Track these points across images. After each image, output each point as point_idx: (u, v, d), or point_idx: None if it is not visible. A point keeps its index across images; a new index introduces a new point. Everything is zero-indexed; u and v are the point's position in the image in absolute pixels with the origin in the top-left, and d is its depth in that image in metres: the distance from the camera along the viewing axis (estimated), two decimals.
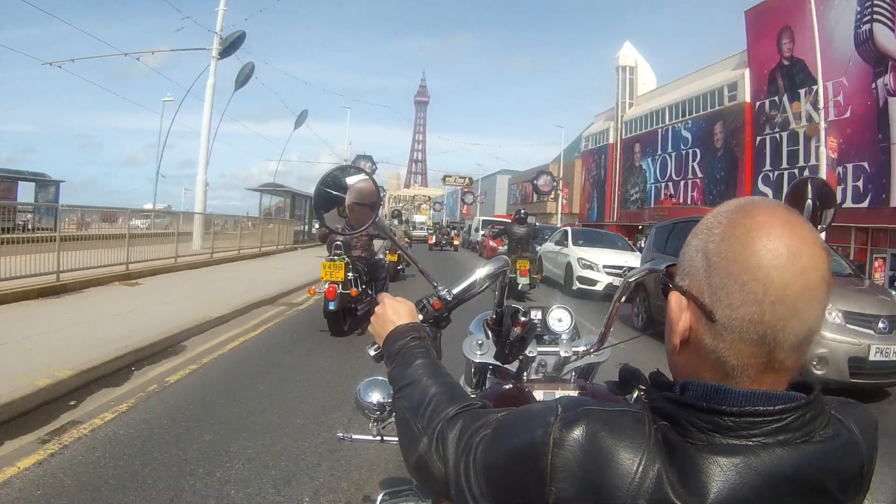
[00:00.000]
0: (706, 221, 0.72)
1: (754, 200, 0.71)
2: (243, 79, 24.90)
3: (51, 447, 3.54)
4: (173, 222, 15.87)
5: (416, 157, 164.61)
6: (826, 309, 0.68)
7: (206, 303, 8.48)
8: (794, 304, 0.65)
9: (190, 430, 3.94)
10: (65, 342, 5.56)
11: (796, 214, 0.69)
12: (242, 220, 20.20)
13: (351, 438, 1.63)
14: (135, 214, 15.79)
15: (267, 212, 23.89)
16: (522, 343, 1.40)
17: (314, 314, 8.24)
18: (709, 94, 35.04)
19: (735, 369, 0.68)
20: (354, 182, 1.31)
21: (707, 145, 34.75)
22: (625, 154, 44.22)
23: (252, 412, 4.37)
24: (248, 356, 6.22)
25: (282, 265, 15.79)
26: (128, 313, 7.32)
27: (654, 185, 40.15)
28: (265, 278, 12.32)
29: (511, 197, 68.72)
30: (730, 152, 32.66)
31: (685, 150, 37.04)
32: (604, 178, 47.07)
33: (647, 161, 41.13)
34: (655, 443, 0.66)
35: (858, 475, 0.70)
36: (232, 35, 21.94)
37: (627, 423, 0.68)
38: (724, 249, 0.68)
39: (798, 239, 0.66)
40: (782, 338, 0.66)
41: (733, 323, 0.67)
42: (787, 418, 0.65)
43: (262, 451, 3.65)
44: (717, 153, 33.92)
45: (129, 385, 4.88)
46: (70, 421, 3.99)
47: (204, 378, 5.28)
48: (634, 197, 42.56)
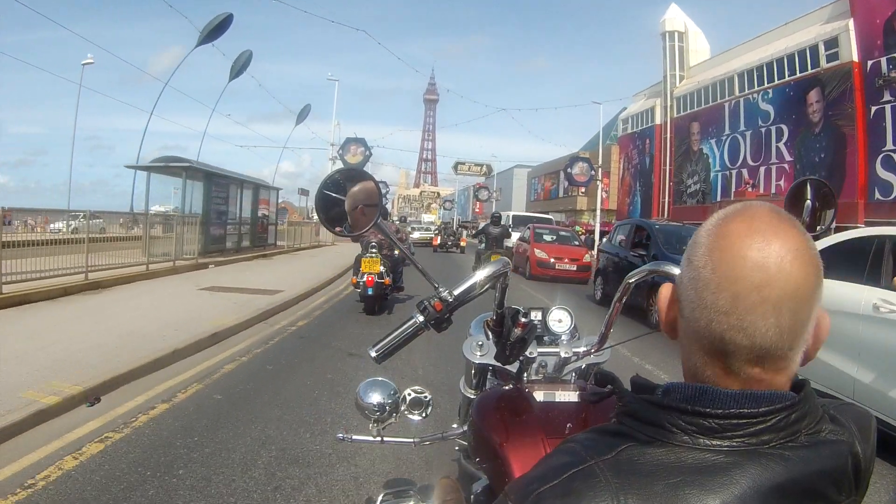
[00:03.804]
0: (706, 220, 0.71)
1: (745, 206, 0.69)
2: (239, 67, 24.00)
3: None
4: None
5: (425, 157, 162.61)
6: (795, 325, 0.64)
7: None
8: (743, 318, 0.63)
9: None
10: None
11: (784, 225, 0.66)
12: (107, 221, 12.12)
13: (351, 439, 1.60)
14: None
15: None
16: (523, 344, 1.38)
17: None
18: (796, 55, 28.12)
19: (700, 368, 0.69)
20: (355, 184, 1.33)
21: (798, 120, 27.70)
22: (678, 136, 36.50)
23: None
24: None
25: (152, 306, 7.84)
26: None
27: (720, 174, 32.53)
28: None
29: (532, 193, 60.67)
30: (832, 128, 25.84)
31: (765, 128, 29.91)
32: (649, 166, 39.04)
33: (710, 143, 33.49)
34: (619, 485, 0.62)
35: (853, 474, 0.69)
36: (217, 18, 20.74)
37: (580, 486, 0.64)
38: (697, 255, 0.68)
39: (764, 254, 0.63)
40: (731, 349, 0.65)
41: (691, 325, 0.68)
42: (772, 419, 0.64)
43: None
44: (813, 129, 26.92)
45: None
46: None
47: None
48: (693, 188, 34.69)
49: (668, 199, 36.40)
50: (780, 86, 28.84)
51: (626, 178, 42.45)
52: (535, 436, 1.22)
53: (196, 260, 12.71)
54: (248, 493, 3.01)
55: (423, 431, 1.82)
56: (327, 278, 12.09)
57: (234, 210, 16.59)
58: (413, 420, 1.58)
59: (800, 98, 27.44)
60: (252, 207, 18.19)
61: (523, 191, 64.33)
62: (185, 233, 12.48)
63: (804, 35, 27.90)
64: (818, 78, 26.63)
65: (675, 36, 38.34)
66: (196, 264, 12.53)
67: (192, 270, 12.04)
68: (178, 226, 12.04)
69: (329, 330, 7.28)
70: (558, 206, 47.10)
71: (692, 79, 36.68)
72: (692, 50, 38.23)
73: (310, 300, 9.59)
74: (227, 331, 6.45)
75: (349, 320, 8.09)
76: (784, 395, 0.66)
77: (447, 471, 2.14)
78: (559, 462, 0.69)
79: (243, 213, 17.46)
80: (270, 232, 20.29)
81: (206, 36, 22.34)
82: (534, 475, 0.69)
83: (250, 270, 12.92)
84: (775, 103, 29.06)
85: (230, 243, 16.17)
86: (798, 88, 27.65)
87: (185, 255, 12.65)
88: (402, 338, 1.32)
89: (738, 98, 31.49)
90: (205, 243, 14.01)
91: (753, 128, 30.29)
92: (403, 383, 1.56)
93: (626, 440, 0.67)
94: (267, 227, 19.85)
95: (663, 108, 38.19)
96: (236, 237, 16.81)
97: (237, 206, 16.85)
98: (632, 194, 41.45)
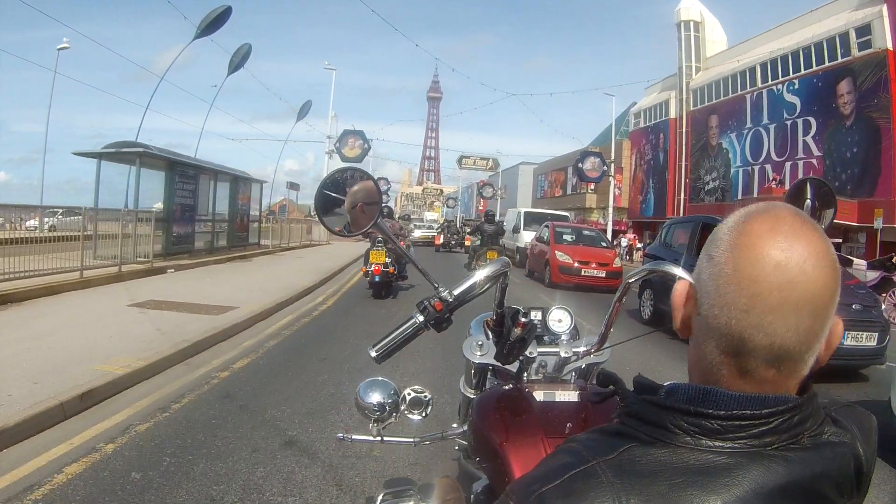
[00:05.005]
0: (728, 220, 0.71)
1: (769, 206, 0.69)
2: (238, 62, 23.26)
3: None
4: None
5: (428, 154, 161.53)
6: (812, 328, 0.64)
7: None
8: (762, 318, 0.63)
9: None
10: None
11: (807, 228, 0.65)
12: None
13: (351, 439, 1.59)
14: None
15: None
16: (522, 344, 1.38)
17: None
18: (825, 43, 26.36)
19: (715, 367, 0.68)
20: (355, 184, 1.34)
21: (827, 112, 25.88)
22: (694, 130, 34.61)
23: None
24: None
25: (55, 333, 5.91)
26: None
27: (741, 169, 30.62)
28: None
29: (538, 190, 58.54)
30: (865, 120, 24.12)
31: (790, 120, 28.16)
32: (663, 162, 37.07)
33: (730, 137, 31.66)
34: (620, 486, 0.63)
35: (855, 476, 0.69)
36: (215, 11, 20.13)
37: (582, 486, 0.64)
38: (718, 251, 0.67)
39: (787, 254, 0.63)
40: (749, 348, 0.64)
41: (709, 322, 0.67)
42: (775, 421, 0.64)
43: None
44: (844, 122, 25.21)
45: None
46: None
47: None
48: (711, 185, 32.79)
49: (684, 196, 34.40)
50: (808, 76, 27.06)
51: (639, 174, 40.40)
52: (535, 436, 1.21)
53: (151, 264, 10.81)
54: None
55: (423, 431, 1.74)
56: (303, 287, 10.12)
57: (205, 205, 14.41)
58: (413, 420, 1.55)
59: (829, 89, 25.68)
60: (230, 202, 16.16)
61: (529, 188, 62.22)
62: (136, 232, 10.58)
63: (832, 22, 26.13)
64: (849, 67, 24.89)
65: (690, 26, 36.36)
66: (150, 269, 10.62)
67: (144, 276, 10.14)
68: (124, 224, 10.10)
69: (274, 382, 4.81)
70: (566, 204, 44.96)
71: (709, 70, 34.79)
72: (708, 40, 36.31)
73: (268, 322, 7.40)
74: (108, 386, 4.20)
75: (308, 356, 5.71)
76: (787, 397, 0.66)
77: (447, 471, 2.10)
78: (561, 462, 0.69)
79: (218, 209, 15.34)
80: (252, 230, 18.22)
81: (204, 29, 21.01)
82: (535, 475, 0.69)
83: (216, 276, 11.01)
84: (802, 94, 27.26)
85: (201, 243, 14.16)
86: (827, 79, 25.90)
87: (140, 258, 10.77)
88: (402, 338, 1.31)
89: (761, 89, 29.62)
90: (167, 244, 12.08)
91: (778, 121, 28.40)
92: (403, 383, 1.56)
93: (628, 441, 0.67)
94: (247, 225, 17.76)
95: (678, 101, 36.22)
96: (209, 236, 14.77)
97: (209, 200, 14.70)
98: (644, 192, 39.41)
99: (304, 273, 12.49)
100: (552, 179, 54.38)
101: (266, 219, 23.59)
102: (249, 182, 17.77)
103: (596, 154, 32.27)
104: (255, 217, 18.74)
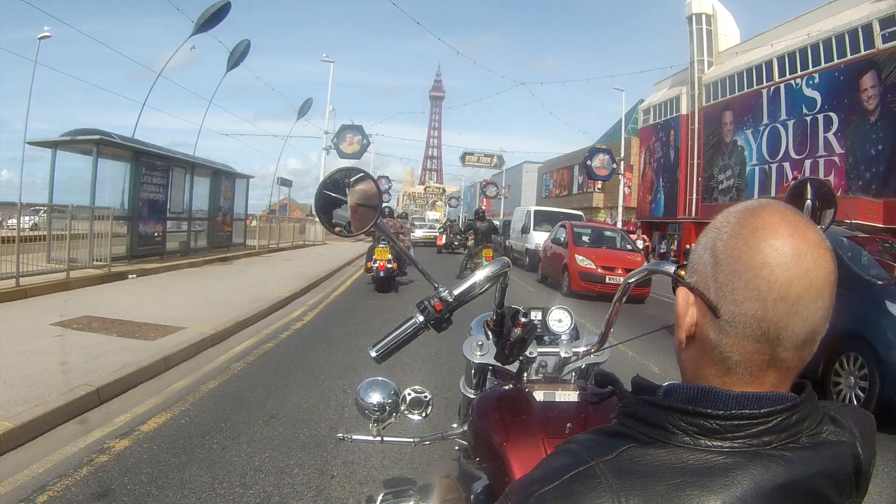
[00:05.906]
0: (716, 221, 0.73)
1: (764, 202, 0.71)
2: (237, 58, 22.72)
3: None
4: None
5: (430, 154, 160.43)
6: (829, 310, 0.67)
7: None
8: (797, 303, 0.64)
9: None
10: None
11: (803, 218, 0.69)
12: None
13: (351, 439, 1.58)
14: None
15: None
16: (523, 344, 1.37)
17: None
18: (847, 35, 25.16)
19: (738, 365, 0.68)
20: (355, 184, 1.31)
21: (850, 107, 24.62)
22: (708, 127, 33.22)
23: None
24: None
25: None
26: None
27: (758, 167, 29.24)
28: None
29: (543, 189, 57.16)
30: (891, 116, 22.82)
31: (810, 116, 26.83)
32: (674, 160, 35.69)
33: (745, 134, 30.29)
34: (620, 486, 0.63)
35: (854, 475, 0.70)
36: (214, 6, 19.59)
37: (581, 487, 0.64)
38: (731, 247, 0.68)
39: (803, 240, 0.66)
40: (785, 335, 0.65)
41: (737, 319, 0.66)
42: (773, 420, 0.65)
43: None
44: (867, 118, 23.90)
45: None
46: None
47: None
48: (725, 184, 31.43)
49: (697, 195, 33.02)
50: (828, 69, 25.75)
51: (648, 172, 38.99)
52: (534, 436, 1.22)
53: (109, 269, 9.54)
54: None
55: (423, 431, 1.77)
56: (278, 299, 8.73)
57: (179, 201, 13.01)
58: (413, 420, 1.55)
59: (851, 83, 24.37)
60: (211, 198, 14.83)
61: (533, 187, 60.93)
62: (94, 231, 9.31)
63: (853, 14, 24.84)
64: (873, 60, 23.60)
65: (702, 19, 34.93)
66: (107, 275, 9.35)
67: (98, 284, 8.88)
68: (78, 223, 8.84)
69: (186, 467, 3.17)
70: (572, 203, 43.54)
71: (722, 64, 33.41)
72: (721, 34, 34.94)
73: (219, 349, 5.91)
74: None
75: (251, 411, 4.14)
76: (785, 396, 0.67)
77: (447, 471, 2.06)
78: (560, 463, 0.69)
79: (196, 205, 14.00)
80: (237, 229, 16.87)
81: (202, 24, 19.96)
82: (535, 476, 0.70)
83: (181, 283, 9.73)
84: (822, 89, 25.93)
85: (175, 244, 12.88)
86: (849, 72, 24.63)
87: (97, 262, 9.51)
88: (401, 338, 1.30)
89: (778, 84, 28.23)
90: (132, 245, 10.82)
91: (797, 117, 27.03)
92: (403, 383, 1.53)
93: (627, 441, 0.67)
94: (231, 224, 16.39)
95: (690, 97, 34.79)
96: (184, 236, 13.46)
97: (184, 195, 13.28)
98: (654, 191, 38.01)
99: (285, 279, 11.21)
100: (557, 178, 53.01)
101: (258, 217, 22.36)
102: (233, 176, 16.36)
103: (605, 151, 30.96)
104: (240, 215, 17.39)
